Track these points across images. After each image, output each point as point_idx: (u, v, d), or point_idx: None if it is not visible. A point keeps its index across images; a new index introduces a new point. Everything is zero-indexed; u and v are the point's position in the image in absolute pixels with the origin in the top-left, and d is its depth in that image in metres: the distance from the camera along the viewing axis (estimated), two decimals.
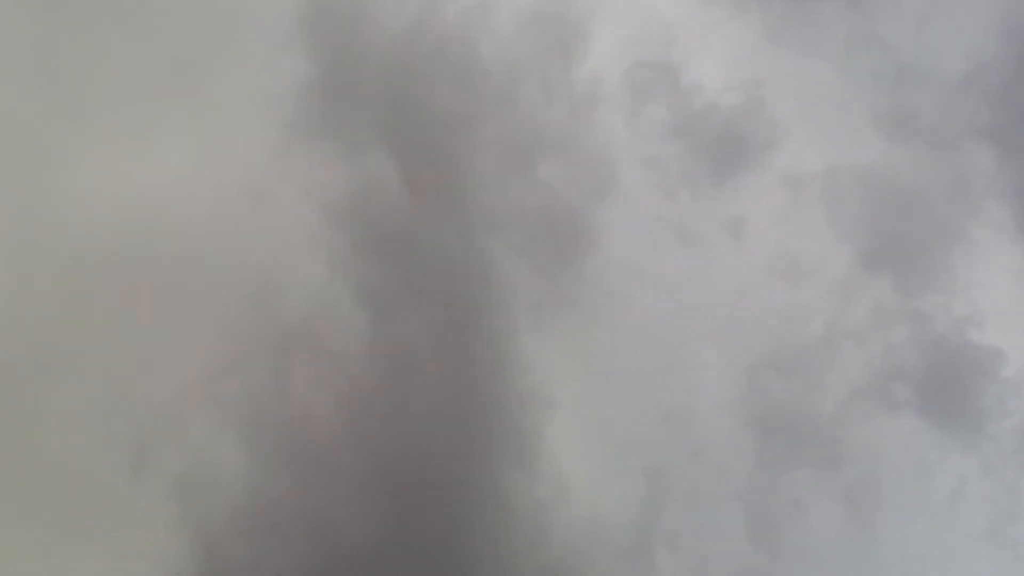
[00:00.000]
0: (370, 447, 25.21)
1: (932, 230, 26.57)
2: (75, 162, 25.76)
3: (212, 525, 24.34)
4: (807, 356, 26.17)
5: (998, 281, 26.23)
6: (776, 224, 26.85)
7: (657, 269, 26.69)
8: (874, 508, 25.14)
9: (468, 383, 25.79)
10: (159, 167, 25.89)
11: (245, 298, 25.52)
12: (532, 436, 25.29)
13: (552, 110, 27.30)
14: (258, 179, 26.06)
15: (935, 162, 26.88)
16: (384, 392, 25.60)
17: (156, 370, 24.95)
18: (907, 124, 27.11)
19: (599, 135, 27.27)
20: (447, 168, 26.72)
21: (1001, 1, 27.28)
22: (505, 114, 27.08)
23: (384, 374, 25.72)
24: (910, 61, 27.34)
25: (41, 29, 26.39)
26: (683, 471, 25.56)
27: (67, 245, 25.38)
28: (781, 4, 27.67)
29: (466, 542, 24.70)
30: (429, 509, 24.81)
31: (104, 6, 26.57)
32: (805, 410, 25.95)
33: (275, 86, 26.50)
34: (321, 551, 24.43)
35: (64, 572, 23.68)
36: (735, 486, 25.61)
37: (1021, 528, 24.96)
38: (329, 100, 26.79)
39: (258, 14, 26.70)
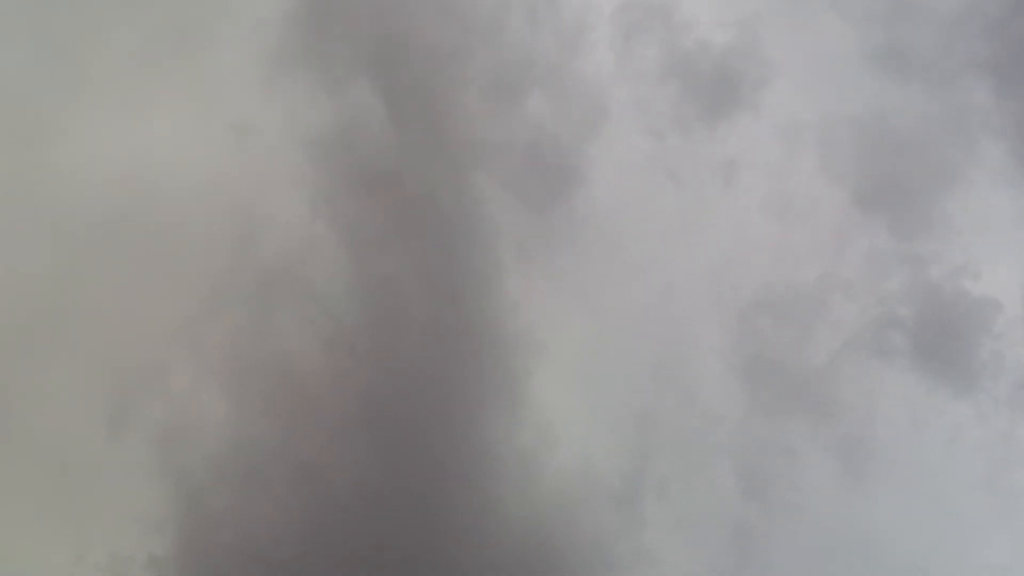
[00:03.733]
0: (355, 390, 23.90)
1: (927, 170, 24.96)
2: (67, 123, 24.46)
3: (193, 475, 23.14)
4: (800, 300, 24.74)
5: (994, 225, 24.73)
6: (769, 165, 25.28)
7: (648, 207, 25.31)
8: (868, 457, 23.87)
9: (454, 324, 24.41)
10: (148, 122, 24.76)
11: (226, 238, 24.18)
12: (518, 380, 23.97)
13: (540, 42, 25.59)
14: (240, 114, 24.62)
15: (931, 98, 25.19)
16: (369, 333, 24.23)
17: (137, 319, 23.70)
18: (902, 59, 25.36)
19: (588, 67, 25.62)
20: (433, 102, 25.12)
21: None
22: (492, 46, 25.37)
23: (369, 315, 24.34)
24: None
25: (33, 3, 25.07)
26: (673, 418, 24.30)
27: (53, 204, 24.12)
28: None
29: (452, 488, 23.44)
30: (414, 455, 23.51)
31: None
32: (798, 357, 24.59)
33: (258, 17, 24.92)
34: (305, 498, 23.24)
35: (45, 526, 22.59)
36: (726, 434, 24.34)
37: (1017, 475, 23.67)
38: (312, 32, 25.14)
39: None
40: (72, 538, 22.50)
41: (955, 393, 24.02)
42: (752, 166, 25.19)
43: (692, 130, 25.29)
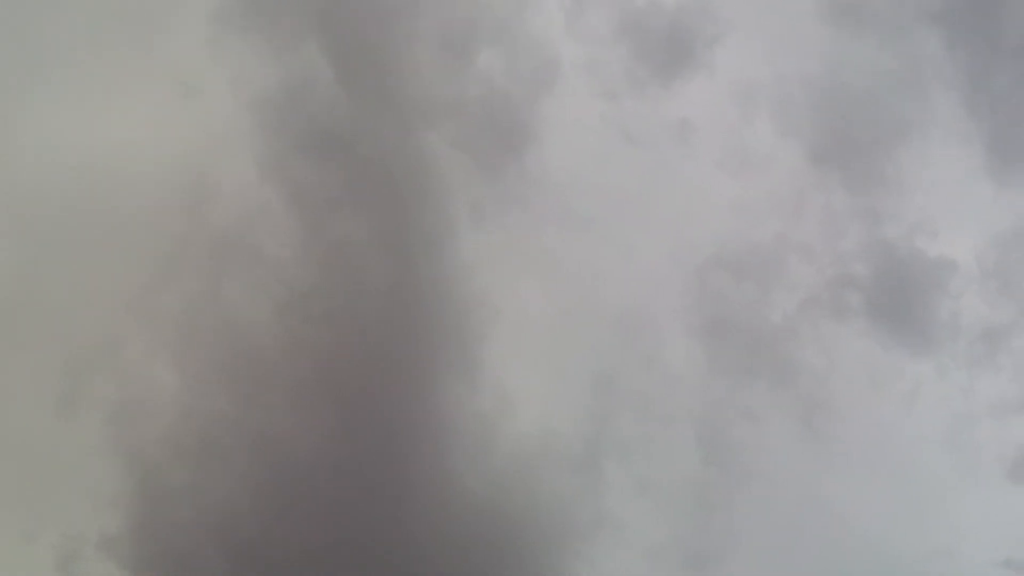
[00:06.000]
0: (309, 357, 23.07)
1: (882, 125, 24.29)
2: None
3: (146, 451, 22.29)
4: (758, 259, 24.15)
5: (948, 181, 24.08)
6: (723, 123, 24.49)
7: (603, 167, 24.44)
8: (828, 417, 23.35)
9: (408, 288, 23.55)
10: (94, 89, 23.86)
11: (174, 206, 23.12)
12: (475, 345, 23.26)
13: None
14: (186, 77, 23.60)
15: (884, 51, 24.36)
16: (322, 298, 23.31)
17: (86, 295, 22.69)
18: (855, 12, 24.45)
19: (538, 24, 24.45)
20: (381, 60, 24.01)
21: None
22: (440, 2, 24.38)
23: (322, 280, 23.42)
24: None
25: None
26: (632, 380, 23.61)
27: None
28: None
29: (410, 456, 22.71)
30: (371, 423, 22.73)
31: None
32: (756, 317, 23.98)
33: None
34: (262, 470, 22.40)
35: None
36: (686, 396, 23.66)
37: (977, 429, 23.27)
38: None
39: None
40: (23, 518, 21.70)
41: (913, 351, 23.61)
42: (707, 124, 24.41)
43: (646, 90, 24.43)
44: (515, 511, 22.55)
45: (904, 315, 23.62)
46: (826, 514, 22.49)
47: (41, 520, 21.73)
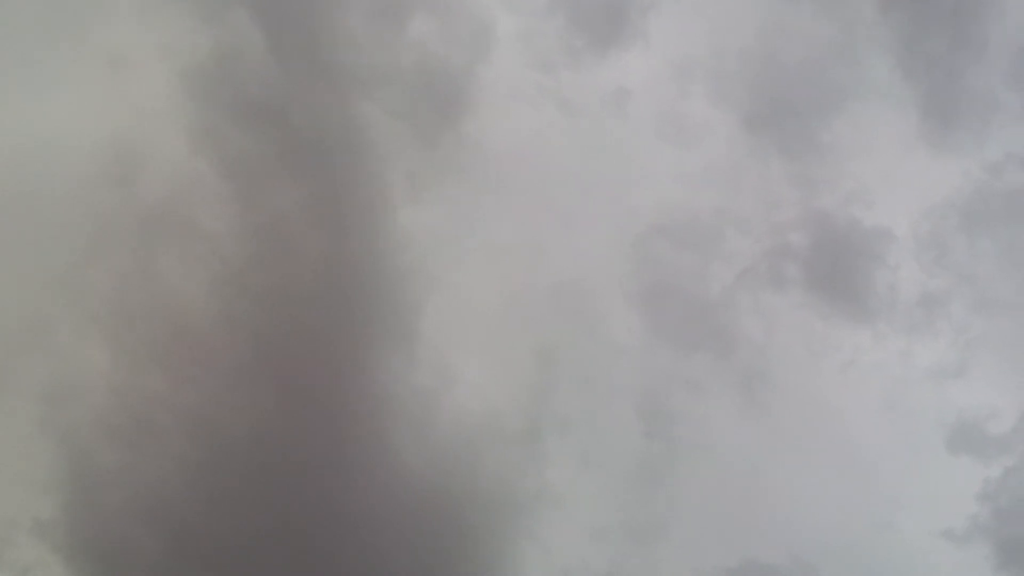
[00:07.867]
0: (245, 333, 22.50)
1: (818, 92, 24.04)
2: None
3: (79, 432, 21.64)
4: (696, 229, 23.85)
5: (884, 149, 24.03)
6: (660, 91, 24.07)
7: (540, 136, 23.99)
8: (767, 387, 23.22)
9: (344, 261, 23.05)
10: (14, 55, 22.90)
11: (103, 179, 22.30)
12: (413, 317, 22.80)
13: None
14: (113, 46, 22.76)
15: (818, 17, 23.99)
16: (258, 272, 22.74)
17: (12, 272, 21.86)
18: None
19: None
20: (313, 28, 23.37)
21: None
22: None
23: (257, 253, 22.86)
24: None
25: None
26: (573, 351, 23.28)
27: None
28: None
29: (349, 432, 22.22)
30: (309, 399, 22.27)
31: None
32: (696, 286, 23.80)
33: None
34: (199, 450, 21.87)
35: None
36: (628, 367, 23.41)
37: (914, 395, 23.14)
38: None
39: None
40: None
41: (851, 320, 23.52)
42: (643, 94, 24.00)
43: (582, 59, 23.99)
44: (457, 487, 22.19)
45: (841, 285, 23.49)
46: (766, 485, 22.43)
47: None
